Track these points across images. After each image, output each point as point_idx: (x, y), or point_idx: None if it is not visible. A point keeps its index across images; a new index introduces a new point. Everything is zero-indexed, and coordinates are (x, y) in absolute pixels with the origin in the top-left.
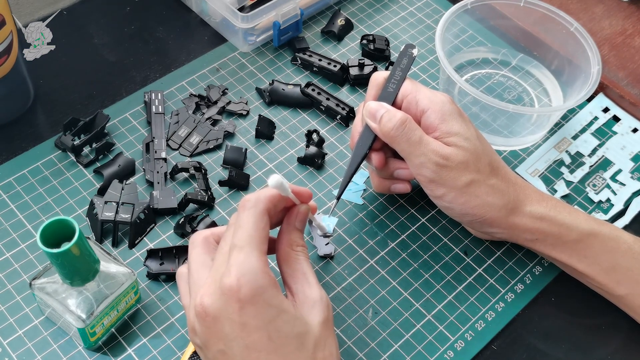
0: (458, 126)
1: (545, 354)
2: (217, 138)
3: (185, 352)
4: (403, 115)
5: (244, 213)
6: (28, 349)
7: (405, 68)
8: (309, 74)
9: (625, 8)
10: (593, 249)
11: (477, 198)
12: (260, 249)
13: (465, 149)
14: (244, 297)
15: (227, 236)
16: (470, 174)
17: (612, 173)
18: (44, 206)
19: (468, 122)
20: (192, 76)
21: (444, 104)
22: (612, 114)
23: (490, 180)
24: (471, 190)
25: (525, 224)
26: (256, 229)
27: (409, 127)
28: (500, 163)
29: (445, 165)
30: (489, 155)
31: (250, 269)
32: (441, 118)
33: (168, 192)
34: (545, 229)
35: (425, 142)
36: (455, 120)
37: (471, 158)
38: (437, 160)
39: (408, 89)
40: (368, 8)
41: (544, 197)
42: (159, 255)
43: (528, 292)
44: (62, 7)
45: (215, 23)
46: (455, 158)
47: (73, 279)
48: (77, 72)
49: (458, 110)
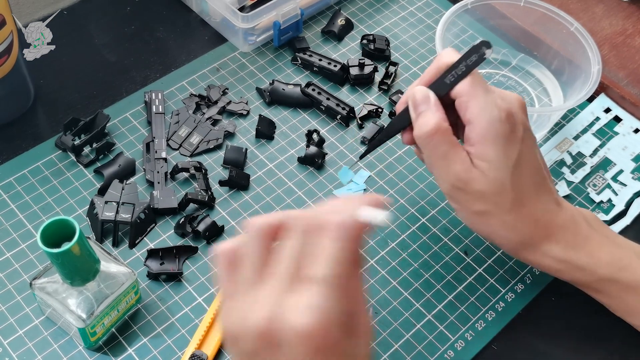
0: (494, 153)
1: (545, 354)
2: (218, 138)
3: (185, 352)
4: (435, 126)
5: (330, 241)
6: (28, 349)
7: (470, 65)
8: (309, 74)
9: (625, 8)
10: (610, 294)
11: (488, 227)
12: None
13: (490, 179)
14: (320, 346)
15: (293, 255)
16: (485, 205)
17: (614, 173)
18: (44, 206)
19: (512, 148)
20: (193, 76)
21: (492, 122)
22: (614, 115)
23: (507, 216)
24: (483, 219)
25: (538, 261)
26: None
27: (437, 140)
28: (532, 199)
29: (461, 189)
30: (520, 190)
31: (327, 314)
32: (481, 138)
33: (168, 192)
34: (561, 269)
35: (450, 160)
36: (495, 144)
37: (492, 189)
38: (454, 182)
39: (464, 90)
40: (368, 8)
41: (566, 235)
42: (159, 255)
43: (528, 292)
44: (62, 7)
45: (216, 23)
46: (474, 185)
47: (73, 278)
48: (77, 72)
49: (508, 131)
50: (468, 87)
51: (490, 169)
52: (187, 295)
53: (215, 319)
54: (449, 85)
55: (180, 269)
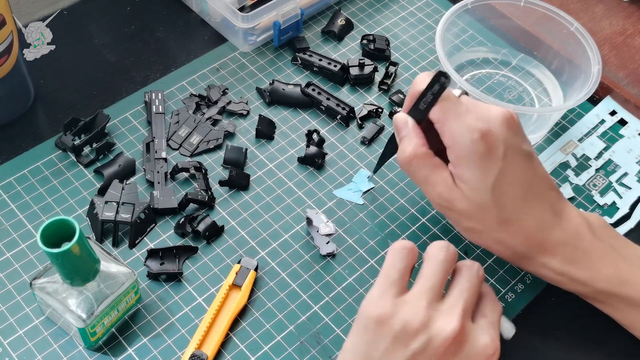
0: (470, 174)
1: (545, 354)
2: (218, 138)
3: (185, 352)
4: (412, 152)
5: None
6: (28, 349)
7: (436, 93)
8: (309, 74)
9: (625, 8)
10: (612, 306)
11: (481, 241)
12: None
13: (470, 200)
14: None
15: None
16: (473, 223)
17: (618, 176)
18: (44, 206)
19: (491, 167)
20: (193, 76)
21: (464, 146)
22: (619, 117)
23: (495, 234)
24: (474, 235)
25: (536, 271)
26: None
27: (416, 164)
28: (521, 214)
29: (447, 208)
30: (503, 208)
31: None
32: (458, 160)
33: (168, 192)
34: (559, 280)
35: (431, 182)
36: (471, 166)
37: (474, 210)
38: (439, 202)
39: (436, 117)
40: (368, 8)
41: (564, 249)
42: (159, 255)
43: (528, 292)
44: (62, 7)
45: (216, 23)
46: (457, 205)
47: (73, 278)
48: (77, 72)
49: (483, 151)
50: (439, 114)
51: (469, 189)
52: (187, 295)
53: (215, 319)
54: (423, 112)
55: (180, 269)
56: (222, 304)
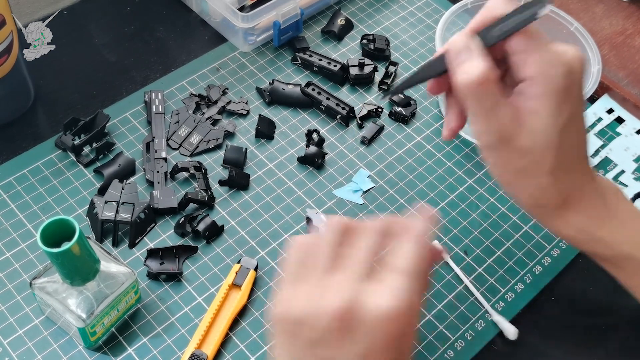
0: (547, 109)
1: (545, 354)
2: (217, 138)
3: (185, 352)
4: (483, 74)
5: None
6: (28, 349)
7: (525, 20)
8: (309, 74)
9: (625, 8)
10: (627, 271)
11: (520, 187)
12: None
13: (536, 136)
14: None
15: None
16: (526, 163)
17: (615, 174)
18: (44, 206)
19: (565, 107)
20: (192, 76)
21: (552, 79)
22: (617, 115)
23: (543, 178)
24: (518, 178)
25: (558, 228)
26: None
27: (483, 90)
28: (572, 164)
29: (504, 143)
30: (563, 152)
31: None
32: (539, 93)
33: (168, 191)
34: (581, 239)
35: (497, 112)
36: (550, 100)
37: (538, 146)
38: (500, 135)
39: (519, 47)
40: (368, 8)
41: (593, 207)
42: (159, 255)
43: (528, 292)
44: (62, 7)
45: (216, 23)
46: (519, 141)
47: (73, 278)
48: (77, 72)
49: (566, 88)
50: (523, 43)
51: (541, 125)
52: (187, 295)
53: (215, 319)
54: (495, 38)
55: (180, 269)
56: (222, 304)
